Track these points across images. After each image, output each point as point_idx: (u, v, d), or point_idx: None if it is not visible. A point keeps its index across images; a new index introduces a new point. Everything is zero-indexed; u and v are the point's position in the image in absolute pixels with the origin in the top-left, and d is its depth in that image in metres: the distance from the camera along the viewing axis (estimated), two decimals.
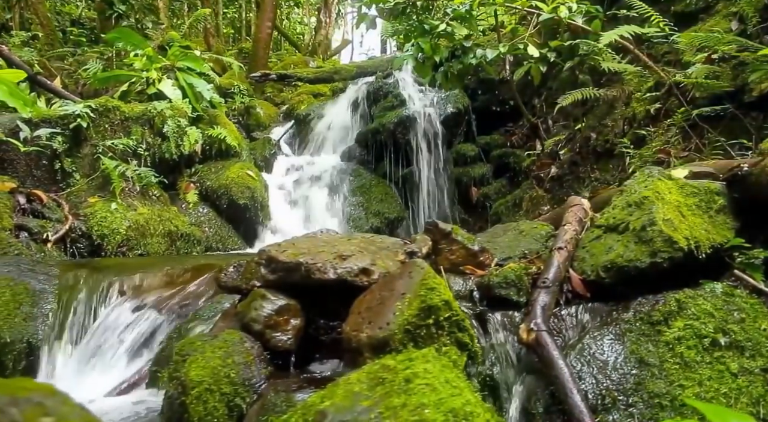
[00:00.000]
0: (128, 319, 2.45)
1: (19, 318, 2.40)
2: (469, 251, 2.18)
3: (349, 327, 1.77)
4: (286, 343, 1.91)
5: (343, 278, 1.91)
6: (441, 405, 1.39)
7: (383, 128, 6.76)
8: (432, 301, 1.69)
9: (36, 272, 2.63)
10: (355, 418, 1.40)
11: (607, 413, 1.62)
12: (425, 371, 1.50)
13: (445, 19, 5.38)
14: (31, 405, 0.81)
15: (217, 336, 1.85)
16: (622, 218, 2.01)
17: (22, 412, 0.79)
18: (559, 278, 1.94)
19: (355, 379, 1.52)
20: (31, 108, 3.01)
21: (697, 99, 3.94)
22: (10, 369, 2.33)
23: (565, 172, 5.60)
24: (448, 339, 1.70)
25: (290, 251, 2.01)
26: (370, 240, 2.20)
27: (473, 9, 5.41)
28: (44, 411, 0.81)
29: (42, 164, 4.96)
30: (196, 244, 5.21)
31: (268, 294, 1.96)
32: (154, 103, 5.42)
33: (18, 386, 0.84)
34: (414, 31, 5.83)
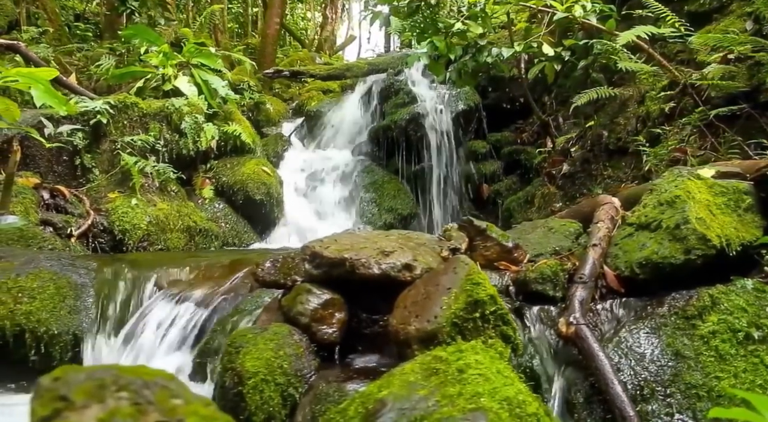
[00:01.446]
0: (168, 313, 2.52)
1: (64, 311, 2.47)
2: (504, 247, 2.26)
3: (396, 321, 1.85)
4: (332, 336, 1.99)
5: (386, 274, 1.98)
6: (495, 394, 1.47)
7: (395, 124, 6.82)
8: (478, 295, 1.77)
9: (76, 267, 2.70)
10: (413, 406, 1.47)
11: (646, 403, 1.70)
12: (477, 362, 1.57)
13: (460, 18, 5.43)
14: (159, 388, 0.88)
15: (267, 328, 1.92)
16: (654, 216, 2.09)
17: (155, 394, 0.86)
18: (595, 274, 2.02)
19: (409, 369, 1.60)
20: (66, 106, 3.07)
21: (713, 99, 4.01)
22: (57, 360, 2.41)
23: (577, 169, 5.66)
24: (494, 331, 1.78)
25: (334, 247, 2.08)
26: (406, 237, 2.27)
27: (487, 8, 5.48)
28: (171, 393, 0.88)
29: (63, 159, 5.02)
30: (213, 239, 5.28)
31: (313, 289, 2.03)
32: (171, 100, 5.48)
33: (141, 371, 0.92)
34: (427, 29, 5.89)
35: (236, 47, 12.46)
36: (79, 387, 0.85)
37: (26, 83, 2.93)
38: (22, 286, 2.47)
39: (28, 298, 2.43)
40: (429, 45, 5.48)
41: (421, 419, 1.44)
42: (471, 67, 5.53)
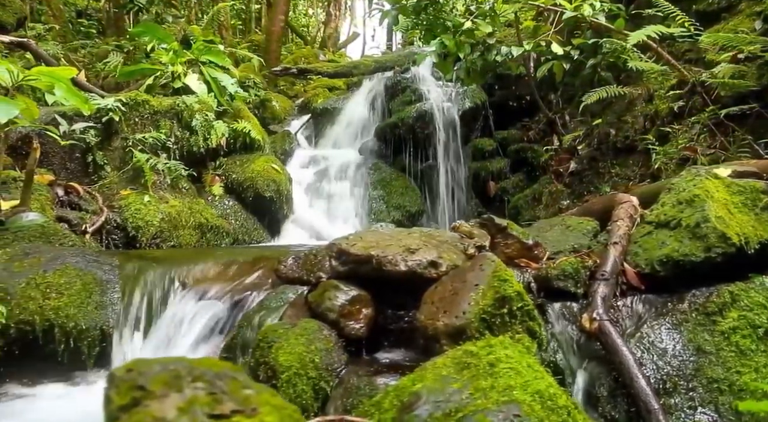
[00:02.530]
0: (192, 308, 2.57)
1: (91, 307, 2.52)
2: (524, 245, 2.30)
3: (424, 316, 1.90)
4: (359, 331, 2.04)
5: (412, 271, 2.03)
6: (527, 387, 1.52)
7: (402, 122, 6.87)
8: (506, 292, 1.82)
9: (100, 263, 2.75)
10: (448, 398, 1.52)
11: (669, 396, 1.75)
12: (507, 356, 1.62)
13: (469, 17, 5.47)
14: (229, 379, 0.93)
15: (297, 324, 1.97)
16: (673, 214, 2.14)
17: (227, 385, 0.91)
18: (616, 271, 2.06)
19: (441, 364, 1.64)
20: (87, 105, 3.12)
21: (722, 98, 4.05)
22: (85, 355, 2.46)
23: (584, 167, 5.71)
24: (520, 327, 1.82)
25: (360, 244, 2.13)
26: (429, 234, 2.32)
27: (496, 6, 5.51)
28: (241, 384, 0.93)
29: (75, 156, 5.07)
30: (224, 236, 5.32)
31: (340, 285, 2.08)
32: (183, 98, 5.52)
33: (209, 363, 0.96)
34: (436, 28, 5.92)
35: (240, 44, 12.49)
36: (156, 377, 0.90)
37: (49, 82, 2.97)
38: (50, 282, 2.51)
39: (56, 294, 2.48)
40: (438, 43, 5.52)
41: (456, 411, 1.49)
42: (480, 66, 5.57)
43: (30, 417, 1.98)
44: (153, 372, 0.91)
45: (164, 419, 0.83)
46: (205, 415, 0.85)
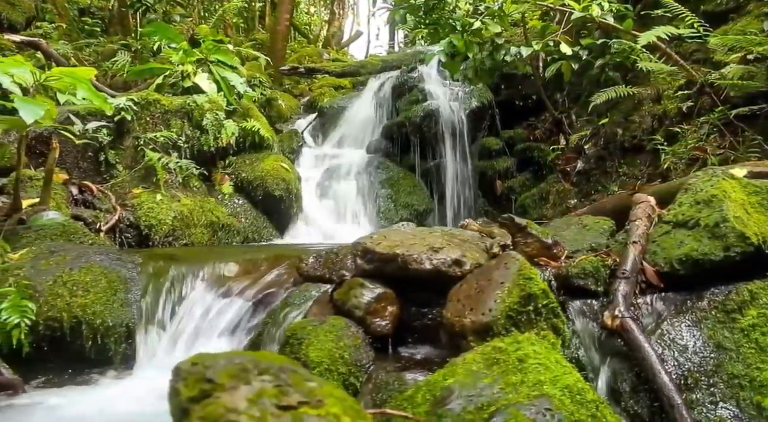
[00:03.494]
0: (215, 306, 2.61)
1: (116, 304, 2.56)
2: (544, 244, 2.35)
3: (451, 313, 1.94)
4: (385, 328, 2.08)
5: (437, 269, 2.07)
6: (557, 382, 1.57)
7: (409, 121, 6.91)
8: (531, 289, 1.87)
9: (123, 261, 2.79)
10: (479, 393, 1.57)
11: (690, 392, 1.80)
12: (535, 352, 1.67)
13: (477, 17, 5.50)
14: (291, 372, 0.97)
15: (325, 321, 2.02)
16: (691, 214, 2.18)
17: (290, 377, 0.95)
18: (636, 269, 2.11)
19: (471, 359, 1.69)
20: (107, 105, 3.16)
21: (732, 98, 4.10)
22: (112, 351, 2.51)
23: (592, 166, 5.75)
24: (545, 324, 1.87)
25: (385, 243, 2.17)
26: (450, 233, 2.36)
27: (504, 7, 5.55)
28: (304, 377, 0.97)
29: (88, 155, 5.10)
30: (235, 234, 5.37)
31: (366, 283, 2.13)
32: (193, 97, 5.56)
33: (269, 356, 1.01)
34: (444, 27, 5.97)
35: (244, 43, 12.52)
36: (224, 370, 0.94)
37: (69, 83, 3.01)
38: (76, 280, 2.56)
39: (83, 291, 2.52)
40: (447, 43, 5.56)
41: (488, 405, 1.54)
42: (488, 65, 5.61)
43: (59, 412, 2.03)
44: (220, 366, 0.95)
45: (236, 410, 0.88)
46: (274, 406, 0.89)
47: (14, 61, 2.81)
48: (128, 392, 2.24)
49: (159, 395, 2.18)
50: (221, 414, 0.87)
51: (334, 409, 0.91)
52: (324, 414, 0.89)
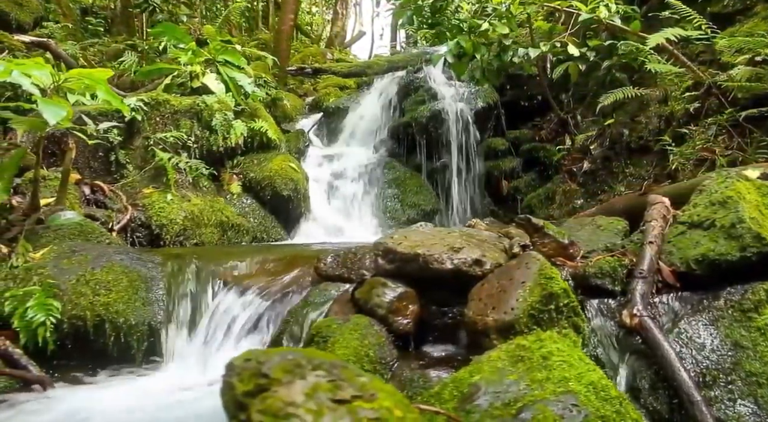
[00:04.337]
0: (235, 304, 2.65)
1: (138, 303, 2.60)
2: (560, 244, 2.39)
3: (473, 312, 1.98)
4: (406, 327, 2.12)
5: (458, 269, 2.11)
6: (581, 379, 1.61)
7: (416, 121, 6.95)
8: (552, 289, 1.91)
9: (143, 261, 2.83)
10: (506, 389, 1.61)
11: (709, 389, 1.84)
12: (558, 350, 1.71)
13: (485, 18, 5.55)
14: (342, 368, 1.01)
15: (349, 319, 2.06)
16: (707, 215, 2.22)
17: (342, 373, 0.99)
18: (653, 269, 2.15)
19: (496, 357, 1.73)
20: (124, 106, 3.19)
21: (739, 100, 4.14)
22: (134, 349, 2.55)
23: (598, 167, 5.79)
24: (566, 322, 1.91)
25: (405, 243, 2.21)
26: (468, 233, 2.40)
27: (512, 8, 5.59)
28: (354, 372, 1.01)
29: (98, 155, 5.14)
30: (244, 234, 5.41)
31: (388, 282, 2.16)
32: (203, 97, 5.59)
33: (319, 353, 1.05)
34: (452, 28, 6.00)
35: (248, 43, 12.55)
36: (278, 365, 0.98)
37: (85, 84, 3.04)
38: (98, 279, 2.60)
39: (105, 290, 2.56)
40: (454, 44, 5.60)
41: (514, 401, 1.58)
42: (495, 66, 5.65)
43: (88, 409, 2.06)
44: (275, 361, 0.99)
45: (294, 403, 0.92)
46: (329, 400, 0.93)
47: (35, 64, 2.85)
48: (153, 389, 2.28)
49: (183, 391, 2.23)
50: (280, 408, 0.91)
51: (386, 403, 0.95)
52: (377, 408, 0.93)
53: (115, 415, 1.93)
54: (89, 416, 1.91)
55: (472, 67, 5.97)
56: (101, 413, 1.93)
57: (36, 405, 2.02)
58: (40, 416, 1.92)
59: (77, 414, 1.94)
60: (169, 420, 1.91)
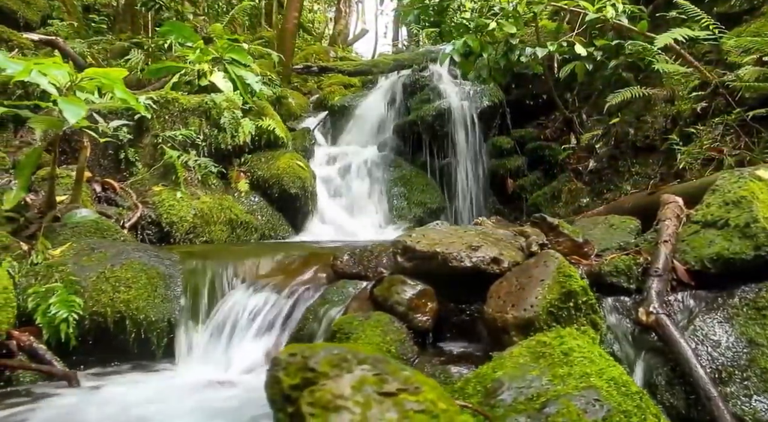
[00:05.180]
0: (253, 301, 2.68)
1: (157, 300, 2.64)
2: (575, 242, 2.42)
3: (492, 309, 2.02)
4: (425, 323, 2.16)
5: (477, 267, 2.15)
6: (602, 374, 1.64)
7: (421, 120, 6.98)
8: (571, 286, 1.94)
9: (161, 258, 2.87)
10: (528, 385, 1.65)
11: (724, 385, 1.88)
12: (578, 346, 1.74)
13: (493, 18, 5.57)
14: (385, 362, 1.05)
15: (370, 316, 2.10)
16: (720, 215, 2.26)
17: (386, 367, 1.03)
18: (668, 268, 2.19)
19: (517, 353, 1.77)
20: (139, 105, 3.22)
21: (747, 99, 4.17)
22: (154, 345, 2.58)
23: (604, 166, 5.82)
24: (585, 319, 1.95)
25: (424, 241, 2.25)
26: (484, 232, 2.44)
27: (519, 7, 5.62)
28: (397, 366, 1.05)
29: (108, 153, 5.17)
30: (253, 231, 5.44)
31: (407, 280, 2.20)
32: (211, 96, 5.62)
33: (361, 348, 1.08)
34: (458, 27, 6.04)
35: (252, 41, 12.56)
36: (325, 360, 1.02)
37: (100, 83, 3.07)
38: (118, 276, 2.63)
39: (125, 287, 2.60)
40: (462, 43, 5.63)
41: (537, 396, 1.62)
42: (502, 65, 5.69)
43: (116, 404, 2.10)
44: (320, 356, 1.03)
45: (342, 396, 0.95)
46: (375, 393, 0.97)
47: (54, 63, 2.88)
48: (175, 385, 2.32)
49: (205, 387, 2.27)
50: (330, 400, 0.95)
51: (430, 395, 0.98)
52: (422, 400, 0.97)
53: (146, 408, 1.96)
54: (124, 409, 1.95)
55: (478, 66, 6.00)
56: (130, 408, 1.97)
57: (68, 399, 2.06)
58: (74, 409, 1.95)
59: (104, 410, 1.97)
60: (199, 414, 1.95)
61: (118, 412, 1.98)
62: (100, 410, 2.02)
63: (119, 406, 1.99)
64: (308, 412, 0.95)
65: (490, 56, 5.60)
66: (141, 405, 1.99)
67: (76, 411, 1.94)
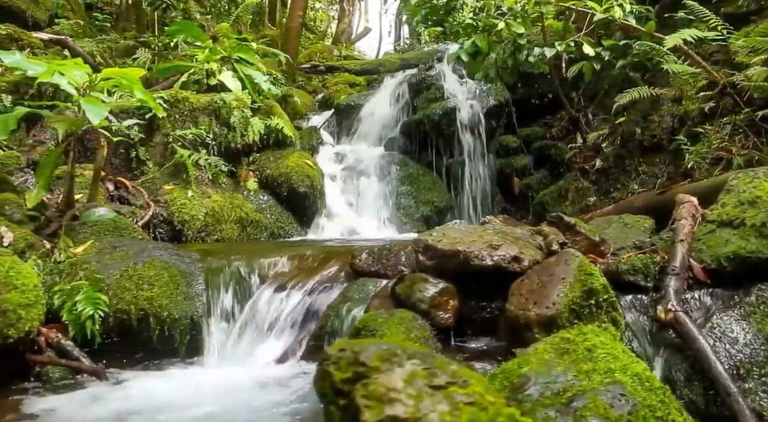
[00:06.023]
0: (274, 299, 2.73)
1: (180, 297, 2.68)
2: (591, 241, 2.47)
3: (514, 307, 2.06)
4: (447, 321, 2.20)
5: (498, 265, 2.19)
6: (627, 370, 1.69)
7: (428, 118, 7.02)
8: (592, 284, 1.99)
9: (181, 256, 2.91)
10: (554, 380, 1.69)
11: (743, 381, 1.92)
12: (602, 343, 1.79)
13: (502, 18, 5.61)
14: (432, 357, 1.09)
15: (394, 313, 2.14)
16: (736, 214, 2.30)
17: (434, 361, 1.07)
18: (685, 266, 2.23)
19: (542, 349, 1.81)
20: (157, 106, 3.26)
21: (755, 99, 4.21)
22: (177, 342, 2.63)
23: (611, 165, 5.86)
24: (606, 317, 1.99)
25: (445, 240, 2.29)
26: (502, 231, 2.48)
27: (527, 7, 5.65)
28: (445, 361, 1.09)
29: (119, 152, 5.21)
30: (263, 230, 5.48)
31: (429, 278, 2.24)
32: (221, 95, 5.66)
33: (408, 344, 1.12)
34: (466, 27, 6.07)
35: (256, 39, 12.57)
36: (375, 355, 1.06)
37: (127, 84, 3.11)
38: (141, 274, 2.67)
39: (148, 285, 2.64)
40: (470, 43, 5.66)
41: (564, 391, 1.66)
42: (510, 65, 5.72)
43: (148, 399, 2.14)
44: (371, 351, 1.07)
45: (395, 388, 1.00)
46: (426, 386, 1.01)
47: (75, 64, 2.91)
48: (199, 380, 2.36)
49: (229, 382, 2.31)
50: (383, 393, 0.99)
51: (478, 388, 1.03)
52: (471, 393, 1.01)
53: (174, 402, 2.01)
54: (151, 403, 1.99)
55: (486, 66, 6.03)
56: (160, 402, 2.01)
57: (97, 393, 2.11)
58: (107, 404, 2.00)
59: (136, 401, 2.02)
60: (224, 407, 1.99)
61: (147, 405, 2.02)
62: (129, 403, 2.06)
63: (147, 400, 2.04)
64: (363, 404, 0.99)
65: (498, 56, 5.63)
66: (168, 399, 2.04)
67: (106, 404, 1.98)
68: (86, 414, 1.92)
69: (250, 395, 2.07)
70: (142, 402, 1.99)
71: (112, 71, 3.19)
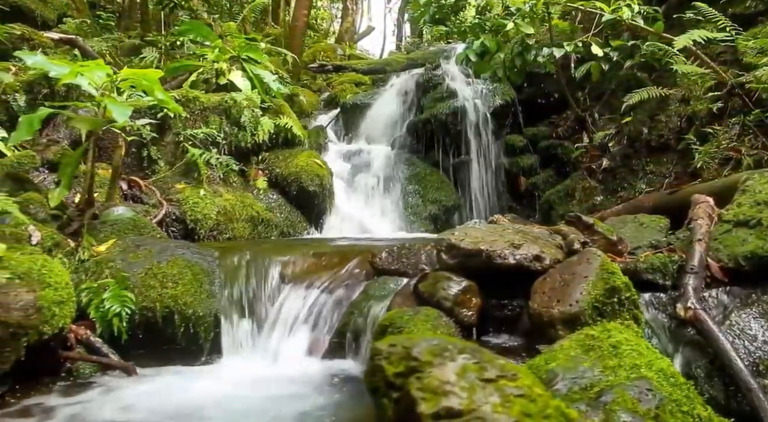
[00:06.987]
0: (296, 297, 2.77)
1: (203, 295, 2.73)
2: (609, 240, 2.52)
3: (537, 305, 2.11)
4: (470, 318, 2.25)
5: (520, 264, 2.24)
6: (652, 366, 1.74)
7: (435, 118, 7.06)
8: (615, 283, 2.04)
9: (202, 255, 2.95)
10: (581, 375, 1.74)
11: (762, 377, 1.97)
12: (626, 339, 1.84)
13: (510, 18, 5.65)
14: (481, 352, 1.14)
15: (419, 311, 2.18)
16: (752, 214, 2.35)
17: (483, 356, 1.12)
18: (703, 265, 2.28)
19: (568, 346, 1.86)
20: (175, 106, 3.31)
21: (764, 100, 4.25)
22: (202, 339, 2.67)
23: (618, 164, 5.90)
24: (628, 314, 2.04)
25: (468, 239, 2.34)
26: (522, 231, 2.53)
27: (536, 8, 5.70)
28: (491, 356, 1.14)
29: (131, 151, 5.25)
30: (273, 228, 5.53)
31: (453, 276, 2.29)
32: (231, 94, 5.70)
33: (453, 339, 1.17)
34: (474, 27, 6.11)
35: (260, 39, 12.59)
36: (427, 349, 1.10)
37: (147, 85, 3.15)
38: (165, 272, 2.72)
39: (172, 283, 2.68)
40: (479, 44, 5.71)
41: (591, 386, 1.71)
42: (519, 65, 5.76)
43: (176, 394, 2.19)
44: (422, 346, 1.11)
45: (448, 381, 1.04)
46: (477, 379, 1.06)
47: (97, 65, 2.95)
48: (224, 376, 2.41)
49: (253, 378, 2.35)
50: (438, 386, 1.04)
51: (527, 381, 1.08)
52: (520, 385, 1.06)
53: (202, 398, 2.05)
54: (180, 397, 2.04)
55: (494, 66, 6.08)
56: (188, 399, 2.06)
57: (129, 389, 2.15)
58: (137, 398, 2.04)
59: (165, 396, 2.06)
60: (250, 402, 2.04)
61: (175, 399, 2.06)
62: (158, 398, 2.10)
63: (176, 395, 2.08)
64: (419, 396, 1.03)
65: (506, 56, 5.68)
66: (196, 394, 2.08)
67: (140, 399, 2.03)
68: (123, 409, 1.96)
69: (270, 389, 2.12)
70: (177, 400, 2.03)
71: (132, 72, 3.23)
